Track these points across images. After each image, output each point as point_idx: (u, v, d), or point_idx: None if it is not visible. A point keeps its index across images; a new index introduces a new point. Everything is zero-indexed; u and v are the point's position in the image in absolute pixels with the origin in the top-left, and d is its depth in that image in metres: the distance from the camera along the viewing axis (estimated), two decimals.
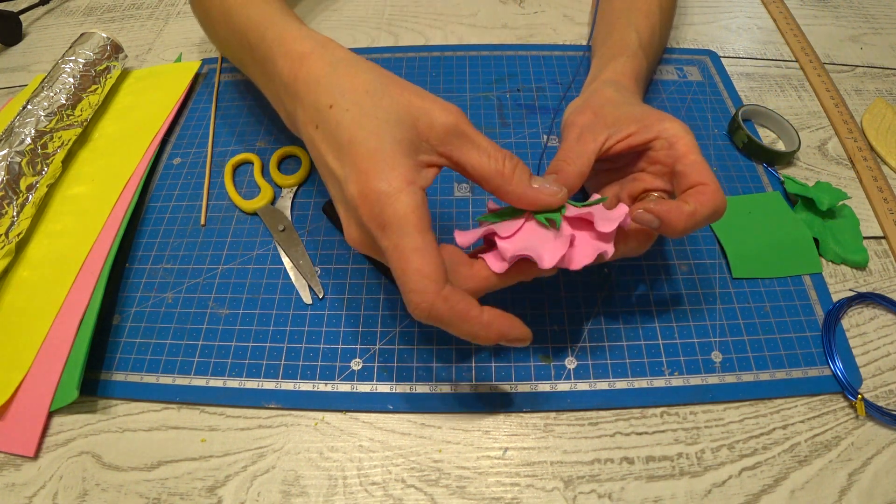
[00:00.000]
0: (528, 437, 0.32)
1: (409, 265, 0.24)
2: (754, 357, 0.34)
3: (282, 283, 0.38)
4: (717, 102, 0.47)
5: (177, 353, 0.35)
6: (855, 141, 0.45)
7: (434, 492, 0.30)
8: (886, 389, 0.33)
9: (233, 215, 0.41)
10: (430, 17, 0.57)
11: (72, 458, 0.31)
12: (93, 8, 0.61)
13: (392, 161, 0.25)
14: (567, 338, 0.35)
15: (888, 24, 0.56)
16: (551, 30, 0.55)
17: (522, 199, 0.27)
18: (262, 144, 0.46)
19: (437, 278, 0.24)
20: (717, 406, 0.32)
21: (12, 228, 0.38)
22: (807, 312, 0.36)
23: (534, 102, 0.47)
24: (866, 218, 0.40)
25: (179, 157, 0.45)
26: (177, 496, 0.30)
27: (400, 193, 0.24)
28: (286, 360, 0.34)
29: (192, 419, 0.33)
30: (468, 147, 0.27)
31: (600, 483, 0.30)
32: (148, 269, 0.39)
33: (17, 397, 0.33)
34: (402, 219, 0.24)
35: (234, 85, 0.50)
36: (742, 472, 0.30)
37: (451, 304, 0.24)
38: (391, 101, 0.26)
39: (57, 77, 0.45)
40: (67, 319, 0.35)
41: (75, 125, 0.44)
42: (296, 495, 0.30)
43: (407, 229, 0.24)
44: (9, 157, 0.39)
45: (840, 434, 0.31)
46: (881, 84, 0.50)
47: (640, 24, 0.42)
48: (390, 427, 0.32)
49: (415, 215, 0.24)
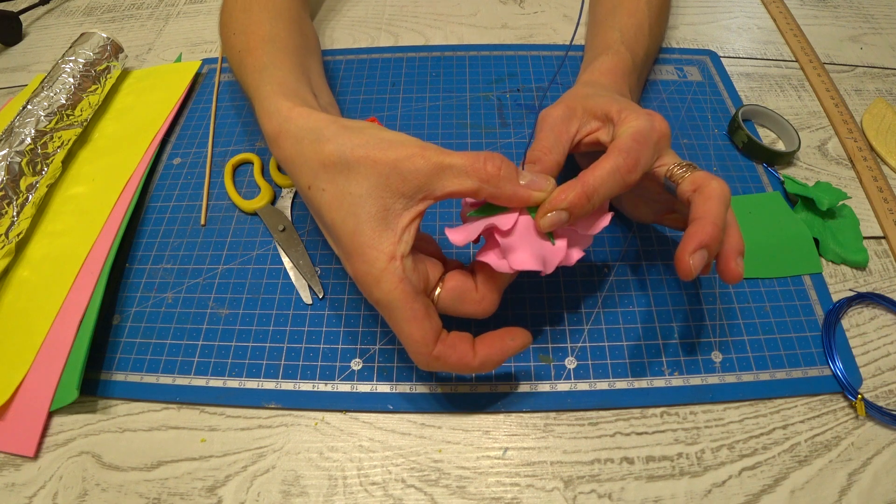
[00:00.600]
0: (528, 437, 0.32)
1: (402, 333, 0.27)
2: (754, 357, 0.34)
3: (282, 283, 0.38)
4: (717, 102, 0.47)
5: (177, 353, 0.35)
6: (855, 141, 0.45)
7: (434, 492, 0.30)
8: (886, 389, 0.33)
9: (233, 215, 0.41)
10: (430, 17, 0.57)
11: (72, 458, 0.31)
12: (93, 8, 0.61)
13: (371, 241, 0.26)
14: (567, 338, 0.35)
15: (888, 24, 0.56)
16: (551, 30, 0.55)
17: (514, 198, 0.27)
18: (262, 144, 0.46)
19: (426, 342, 0.27)
20: (717, 406, 0.32)
21: (12, 228, 0.38)
22: (807, 312, 0.36)
23: (534, 102, 0.47)
24: (866, 218, 0.40)
25: (179, 157, 0.45)
26: (177, 496, 0.30)
27: (383, 274, 0.26)
28: (286, 360, 0.34)
29: (192, 419, 0.33)
30: (446, 178, 0.26)
31: (600, 483, 0.30)
32: (148, 269, 0.39)
33: (17, 397, 0.33)
34: (388, 296, 0.26)
35: (234, 85, 0.50)
36: (742, 472, 0.30)
37: (444, 359, 0.27)
38: (360, 172, 0.26)
39: (57, 77, 0.45)
40: (67, 319, 0.35)
41: (75, 125, 0.44)
42: (296, 495, 0.30)
43: (395, 304, 0.26)
44: (9, 157, 0.39)
45: (840, 434, 0.31)
46: (881, 84, 0.50)
47: (624, 22, 0.42)
48: (390, 427, 0.32)
49: (399, 291, 0.26)
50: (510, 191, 0.27)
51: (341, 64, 0.52)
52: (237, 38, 0.40)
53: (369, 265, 0.26)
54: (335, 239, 0.28)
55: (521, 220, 0.28)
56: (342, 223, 0.27)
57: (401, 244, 0.26)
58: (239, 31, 0.40)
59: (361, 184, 0.26)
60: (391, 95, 0.49)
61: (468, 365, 0.28)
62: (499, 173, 0.26)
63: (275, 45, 0.38)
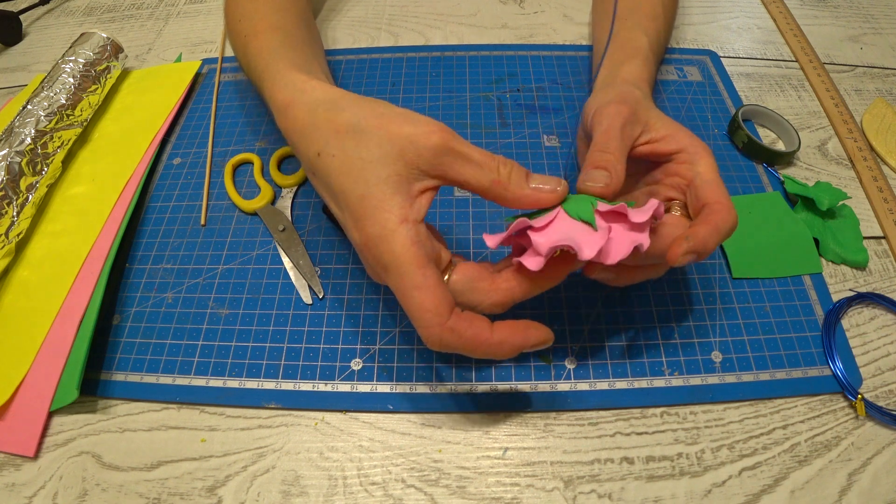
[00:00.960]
0: (528, 437, 0.32)
1: (412, 302, 0.25)
2: (754, 357, 0.34)
3: (282, 283, 0.38)
4: (717, 102, 0.47)
5: (177, 353, 0.35)
6: (855, 141, 0.45)
7: (434, 492, 0.30)
8: (886, 389, 0.33)
9: (233, 215, 0.41)
10: (430, 17, 0.57)
11: (72, 458, 0.31)
12: (93, 8, 0.61)
13: (382, 203, 0.25)
14: (567, 338, 0.35)
15: (888, 24, 0.56)
16: (551, 30, 0.55)
17: (523, 201, 0.27)
18: (262, 144, 0.46)
19: (440, 311, 0.25)
20: (717, 406, 0.32)
21: (12, 228, 0.38)
22: (807, 312, 0.36)
23: (534, 102, 0.47)
24: (866, 218, 0.40)
25: (179, 157, 0.45)
26: (177, 496, 0.30)
27: (394, 234, 0.25)
28: (286, 360, 0.34)
29: (192, 419, 0.33)
30: (460, 163, 0.26)
31: (600, 483, 0.30)
32: (148, 269, 0.39)
33: (17, 397, 0.33)
34: (400, 259, 0.25)
35: (234, 85, 0.50)
36: (742, 472, 0.30)
37: (459, 332, 0.25)
38: (373, 138, 0.26)
39: (57, 77, 0.45)
40: (67, 319, 0.35)
41: (75, 125, 0.44)
42: (296, 495, 0.30)
43: (405, 269, 0.25)
44: (9, 157, 0.39)
45: (840, 434, 0.31)
46: (881, 84, 0.50)
47: (648, 26, 0.41)
48: (390, 427, 0.32)
49: (410, 253, 0.25)
50: (519, 193, 0.27)
51: (341, 64, 0.52)
52: (243, 23, 0.40)
53: (380, 226, 0.25)
54: (343, 206, 0.27)
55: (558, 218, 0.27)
56: (352, 188, 0.26)
57: (413, 209, 0.26)
58: (245, 17, 0.40)
59: (373, 150, 0.26)
60: (391, 95, 0.49)
61: (485, 341, 0.25)
62: (509, 179, 0.27)
63: (283, 32, 0.38)
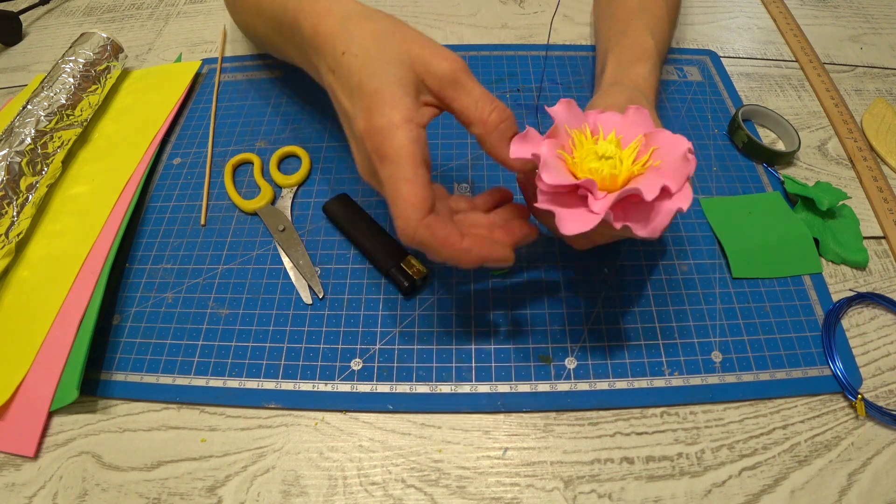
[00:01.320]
0: (528, 437, 0.32)
1: (399, 193, 0.27)
2: (754, 357, 0.34)
3: (282, 283, 0.38)
4: (717, 102, 0.47)
5: (177, 353, 0.35)
6: (855, 141, 0.45)
7: (434, 492, 0.30)
8: (886, 389, 0.33)
9: (233, 215, 0.41)
10: (430, 17, 0.57)
11: (72, 458, 0.31)
12: (93, 8, 0.61)
13: (392, 100, 0.27)
14: (567, 338, 0.35)
15: (888, 24, 0.56)
16: (552, 30, 0.55)
17: (494, 152, 0.29)
18: (262, 144, 0.46)
19: (421, 207, 0.26)
20: (717, 406, 0.32)
21: (12, 228, 0.38)
22: (807, 312, 0.36)
23: (534, 102, 0.47)
24: (866, 218, 0.40)
25: (179, 157, 0.45)
26: (177, 496, 0.30)
27: (398, 129, 0.27)
28: (286, 360, 0.34)
29: (192, 419, 0.33)
30: (461, 94, 0.29)
31: (600, 483, 0.30)
32: (148, 269, 0.39)
33: (17, 397, 0.33)
34: (398, 152, 0.27)
35: (234, 85, 0.50)
36: (742, 472, 0.30)
37: (433, 230, 0.27)
38: (394, 46, 0.29)
39: (57, 77, 0.45)
40: (67, 319, 0.35)
41: (75, 125, 0.44)
42: (296, 495, 0.30)
43: (401, 161, 0.27)
44: (9, 157, 0.39)
45: (840, 434, 0.31)
46: (881, 84, 0.50)
47: (655, 27, 0.41)
48: (390, 427, 0.32)
49: (408, 149, 0.27)
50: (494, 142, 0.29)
51: None
52: None
53: (387, 119, 0.27)
54: (357, 97, 0.29)
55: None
56: (367, 82, 0.28)
57: (418, 113, 0.28)
58: None
59: (392, 55, 0.29)
60: None
61: (454, 244, 0.27)
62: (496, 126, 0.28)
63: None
